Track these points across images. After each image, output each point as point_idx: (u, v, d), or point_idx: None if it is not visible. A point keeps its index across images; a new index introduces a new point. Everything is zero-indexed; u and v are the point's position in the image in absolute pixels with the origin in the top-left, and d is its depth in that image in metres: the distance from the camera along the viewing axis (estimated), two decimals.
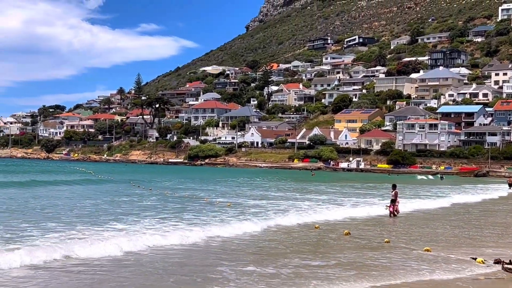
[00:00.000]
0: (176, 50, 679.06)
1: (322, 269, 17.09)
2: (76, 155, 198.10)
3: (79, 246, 18.56)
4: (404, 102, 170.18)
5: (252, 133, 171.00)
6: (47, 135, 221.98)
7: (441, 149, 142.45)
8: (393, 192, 33.93)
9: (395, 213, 33.48)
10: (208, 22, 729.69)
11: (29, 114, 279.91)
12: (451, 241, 23.87)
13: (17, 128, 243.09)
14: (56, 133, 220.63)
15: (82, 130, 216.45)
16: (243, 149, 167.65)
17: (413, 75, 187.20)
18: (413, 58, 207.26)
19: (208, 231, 23.53)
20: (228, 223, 27.05)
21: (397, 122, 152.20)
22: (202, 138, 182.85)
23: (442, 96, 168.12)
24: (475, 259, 18.95)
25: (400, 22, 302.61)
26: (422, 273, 17.01)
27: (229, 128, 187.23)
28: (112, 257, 18.08)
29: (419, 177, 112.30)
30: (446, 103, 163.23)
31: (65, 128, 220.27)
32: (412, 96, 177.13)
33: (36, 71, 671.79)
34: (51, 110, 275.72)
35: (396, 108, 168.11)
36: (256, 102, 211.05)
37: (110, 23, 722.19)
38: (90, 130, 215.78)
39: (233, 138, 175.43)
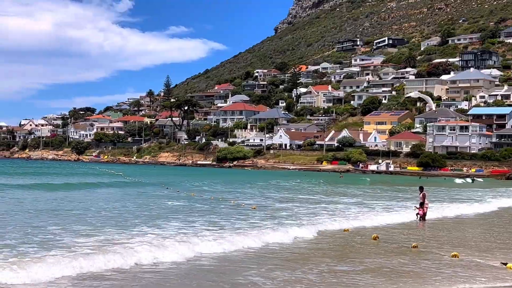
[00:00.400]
0: (205, 52, 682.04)
1: (349, 275, 16.90)
2: (106, 157, 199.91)
3: (102, 256, 17.64)
4: (435, 104, 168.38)
5: (281, 135, 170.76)
6: (77, 137, 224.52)
7: (472, 151, 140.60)
8: (421, 194, 33.13)
9: (424, 216, 32.82)
10: (237, 24, 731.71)
11: (60, 116, 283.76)
12: (481, 246, 23.44)
13: (48, 130, 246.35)
14: (86, 135, 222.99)
15: (112, 132, 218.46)
16: (272, 151, 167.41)
17: (444, 77, 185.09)
18: (444, 60, 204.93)
19: (235, 235, 23.27)
20: (256, 227, 26.90)
21: (427, 124, 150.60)
22: (231, 140, 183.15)
23: (473, 98, 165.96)
24: (505, 264, 18.57)
25: (430, 23, 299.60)
26: (453, 280, 16.66)
27: (258, 130, 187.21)
28: (131, 264, 17.56)
29: (458, 180, 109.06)
30: (477, 105, 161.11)
31: (95, 130, 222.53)
32: (442, 98, 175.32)
33: (67, 74, 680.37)
34: (81, 112, 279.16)
35: (426, 110, 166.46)
36: (284, 104, 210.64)
37: (140, 26, 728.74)
38: (120, 132, 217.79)
39: (261, 140, 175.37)
